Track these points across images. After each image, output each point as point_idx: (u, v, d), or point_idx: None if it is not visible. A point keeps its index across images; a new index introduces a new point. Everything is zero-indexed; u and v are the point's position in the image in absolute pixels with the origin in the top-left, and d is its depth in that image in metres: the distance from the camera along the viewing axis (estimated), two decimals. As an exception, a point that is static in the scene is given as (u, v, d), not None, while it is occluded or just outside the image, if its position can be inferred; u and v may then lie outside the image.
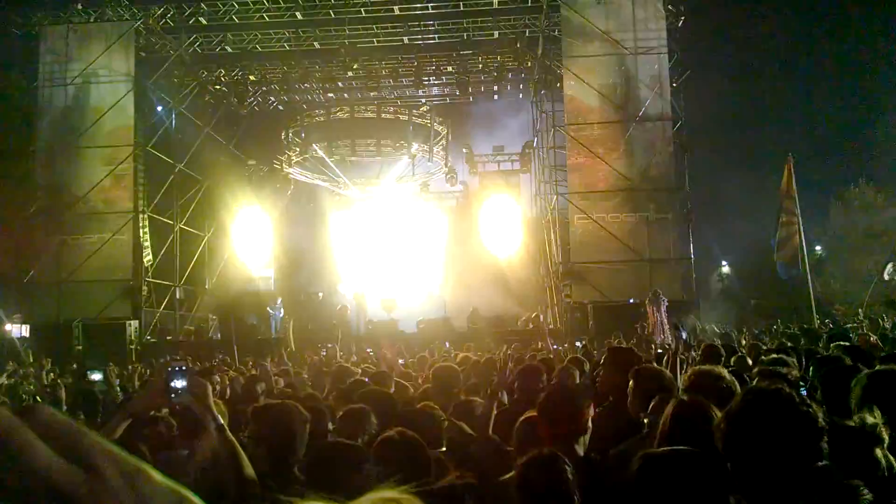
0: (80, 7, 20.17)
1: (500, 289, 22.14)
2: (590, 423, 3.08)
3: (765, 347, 8.81)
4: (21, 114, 20.71)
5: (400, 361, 8.93)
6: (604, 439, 3.32)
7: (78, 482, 0.41)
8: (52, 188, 19.84)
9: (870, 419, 2.55)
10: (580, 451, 2.96)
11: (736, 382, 3.13)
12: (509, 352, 8.19)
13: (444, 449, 3.05)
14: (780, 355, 5.13)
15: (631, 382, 3.62)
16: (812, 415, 1.78)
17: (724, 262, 31.14)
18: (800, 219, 15.56)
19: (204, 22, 20.78)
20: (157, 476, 0.45)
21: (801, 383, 4.28)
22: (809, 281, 15.65)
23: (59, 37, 20.39)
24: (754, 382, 3.91)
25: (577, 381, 5.25)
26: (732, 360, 5.83)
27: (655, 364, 4.97)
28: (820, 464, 1.79)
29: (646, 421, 3.18)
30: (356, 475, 2.49)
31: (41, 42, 20.41)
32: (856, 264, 28.16)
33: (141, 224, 20.58)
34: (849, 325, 13.97)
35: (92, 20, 20.39)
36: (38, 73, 20.42)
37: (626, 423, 3.54)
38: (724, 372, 3.18)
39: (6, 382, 11.00)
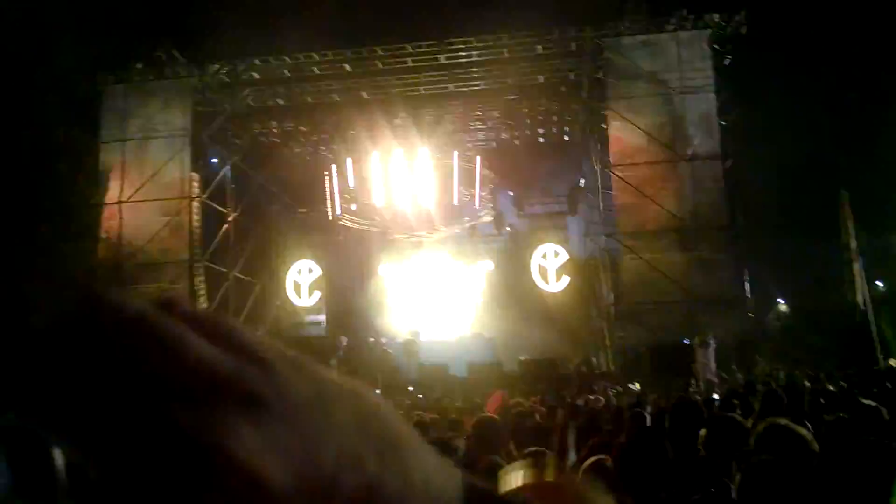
0: (140, 67, 21.08)
1: (551, 331, 21.93)
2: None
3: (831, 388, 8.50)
4: (84, 169, 21.57)
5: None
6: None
7: (254, 379, 0.32)
8: (113, 240, 20.54)
9: None
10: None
11: (813, 439, 2.91)
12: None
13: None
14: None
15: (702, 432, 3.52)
16: None
17: (780, 301, 30.25)
18: (859, 255, 15.16)
19: (257, 76, 21.48)
20: (323, 369, 0.36)
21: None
22: (871, 319, 15.15)
23: (120, 95, 21.32)
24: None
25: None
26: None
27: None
28: None
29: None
30: None
31: (103, 101, 21.37)
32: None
33: (196, 273, 21.09)
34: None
35: (151, 79, 21.27)
36: (100, 129, 21.33)
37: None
38: (801, 429, 2.96)
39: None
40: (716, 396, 9.98)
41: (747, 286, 18.64)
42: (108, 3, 19.45)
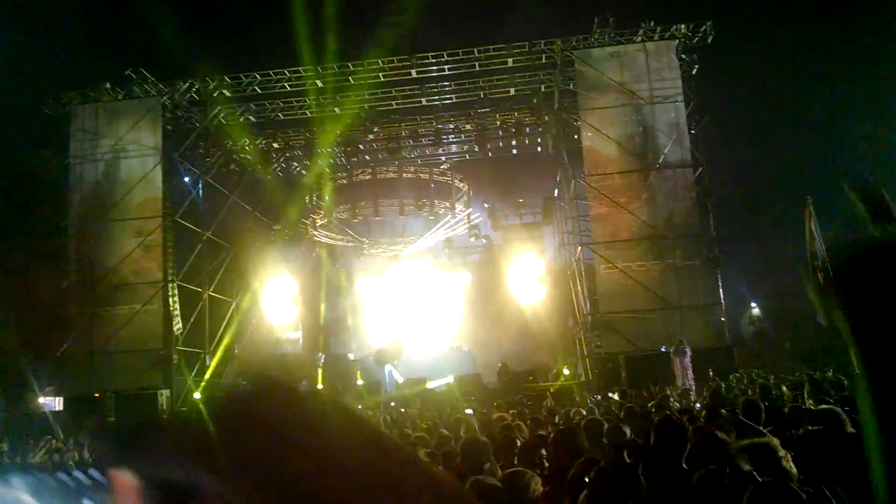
0: (108, 86, 20.85)
1: (529, 342, 22.00)
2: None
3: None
4: (53, 190, 21.27)
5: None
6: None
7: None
8: (84, 262, 20.20)
9: None
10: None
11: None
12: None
13: None
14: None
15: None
16: None
17: (753, 305, 30.63)
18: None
19: (227, 94, 21.36)
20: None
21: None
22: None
23: (89, 115, 21.04)
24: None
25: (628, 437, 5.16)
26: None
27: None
28: None
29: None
30: None
31: (72, 121, 21.05)
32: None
33: (170, 293, 20.82)
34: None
35: (120, 98, 21.04)
36: (69, 150, 21.01)
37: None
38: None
39: (42, 459, 11.05)
40: (698, 405, 10.05)
41: (721, 292, 18.82)
42: (74, 24, 19.30)
